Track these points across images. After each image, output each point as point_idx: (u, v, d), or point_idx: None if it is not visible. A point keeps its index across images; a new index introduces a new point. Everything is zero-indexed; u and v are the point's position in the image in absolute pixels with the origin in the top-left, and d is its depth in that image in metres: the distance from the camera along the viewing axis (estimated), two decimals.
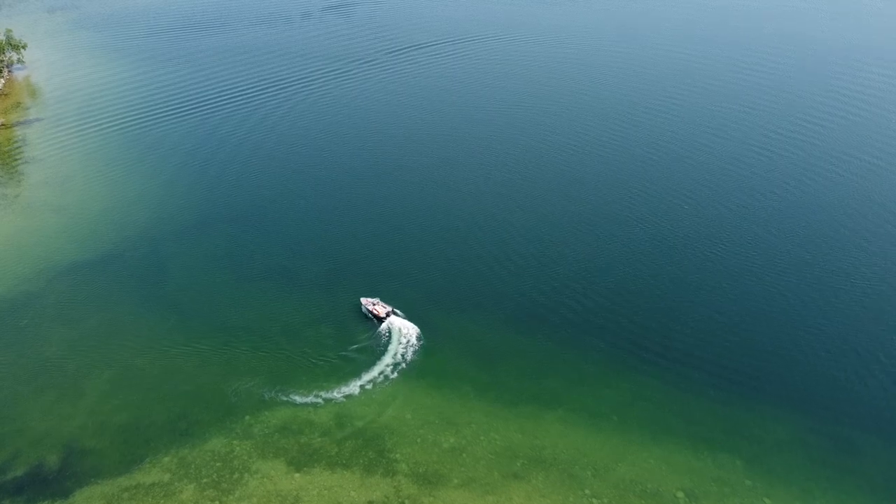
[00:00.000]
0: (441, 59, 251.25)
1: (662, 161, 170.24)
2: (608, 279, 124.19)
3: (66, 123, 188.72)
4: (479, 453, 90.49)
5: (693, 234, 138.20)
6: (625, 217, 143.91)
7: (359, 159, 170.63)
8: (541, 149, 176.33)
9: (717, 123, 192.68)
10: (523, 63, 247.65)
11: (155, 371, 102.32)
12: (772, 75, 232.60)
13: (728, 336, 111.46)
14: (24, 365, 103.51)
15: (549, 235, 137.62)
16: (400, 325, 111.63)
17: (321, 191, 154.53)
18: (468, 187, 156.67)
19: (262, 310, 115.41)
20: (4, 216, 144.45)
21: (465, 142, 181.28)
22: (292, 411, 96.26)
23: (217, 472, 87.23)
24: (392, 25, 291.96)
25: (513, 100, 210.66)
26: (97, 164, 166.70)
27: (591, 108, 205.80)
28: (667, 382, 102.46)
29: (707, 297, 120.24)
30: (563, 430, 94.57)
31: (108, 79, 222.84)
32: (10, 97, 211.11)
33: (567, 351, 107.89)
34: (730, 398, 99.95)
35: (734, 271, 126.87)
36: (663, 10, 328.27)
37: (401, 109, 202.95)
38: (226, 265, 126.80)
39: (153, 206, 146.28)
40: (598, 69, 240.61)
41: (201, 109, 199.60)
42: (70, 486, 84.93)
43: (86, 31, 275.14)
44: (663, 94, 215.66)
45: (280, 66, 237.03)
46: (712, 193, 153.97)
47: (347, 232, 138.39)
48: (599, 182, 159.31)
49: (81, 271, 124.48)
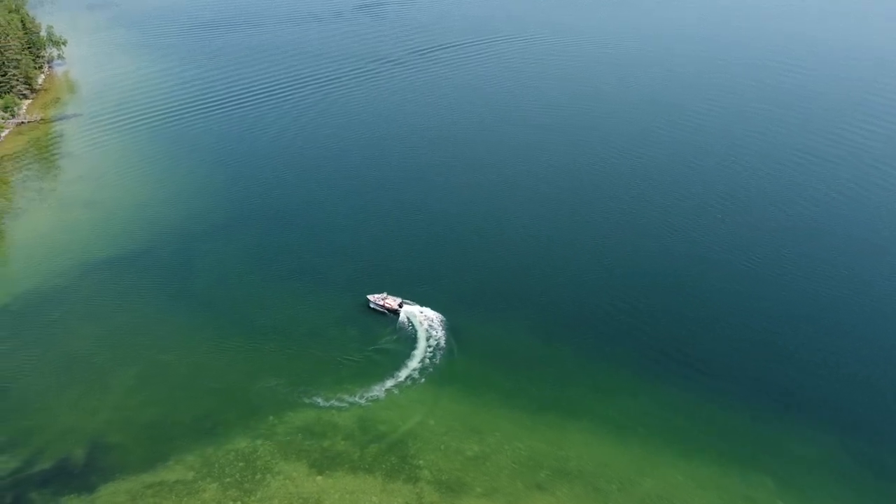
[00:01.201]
0: (473, 59, 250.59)
1: (697, 168, 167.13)
2: (637, 288, 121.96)
3: (102, 119, 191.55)
4: (502, 462, 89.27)
5: (726, 242, 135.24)
6: (657, 225, 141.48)
7: (389, 160, 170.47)
8: (575, 153, 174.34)
9: (758, 130, 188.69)
10: (559, 64, 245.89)
11: (181, 368, 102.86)
12: (827, 81, 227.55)
13: (761, 348, 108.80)
14: (54, 358, 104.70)
15: (579, 242, 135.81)
16: (417, 311, 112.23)
17: (351, 191, 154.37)
18: (498, 190, 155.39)
19: (289, 309, 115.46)
20: (40, 210, 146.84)
21: (498, 144, 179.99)
22: (316, 413, 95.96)
23: (240, 471, 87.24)
24: (424, 24, 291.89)
25: (546, 101, 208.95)
26: (131, 160, 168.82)
27: (626, 111, 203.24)
28: (695, 395, 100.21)
29: (739, 307, 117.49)
30: (588, 440, 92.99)
31: (143, 75, 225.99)
32: (50, 92, 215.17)
33: (593, 360, 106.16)
34: (761, 413, 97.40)
35: (768, 281, 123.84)
36: (706, 12, 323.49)
37: (432, 110, 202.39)
38: (255, 264, 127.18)
39: (185, 204, 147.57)
40: (637, 71, 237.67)
41: (235, 107, 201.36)
42: (95, 481, 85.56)
43: (123, 28, 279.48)
44: (704, 97, 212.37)
45: (311, 64, 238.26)
46: (747, 201, 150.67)
47: (376, 233, 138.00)
48: (633, 189, 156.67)
49: (112, 266, 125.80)
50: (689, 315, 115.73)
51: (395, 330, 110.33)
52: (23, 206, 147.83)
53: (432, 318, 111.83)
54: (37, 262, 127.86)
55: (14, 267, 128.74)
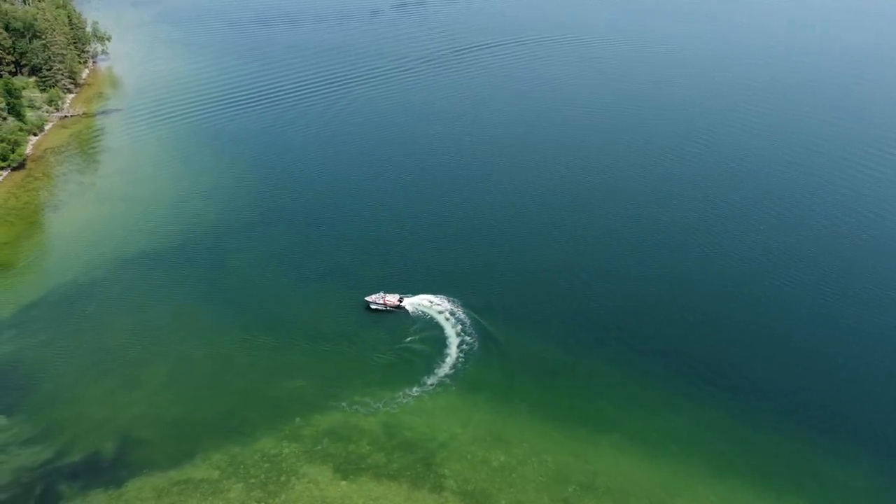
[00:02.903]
0: (510, 58, 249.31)
1: (739, 174, 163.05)
2: (675, 302, 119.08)
3: (142, 114, 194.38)
4: (529, 475, 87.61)
5: (768, 256, 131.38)
6: (699, 236, 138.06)
7: (424, 160, 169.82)
8: (616, 157, 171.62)
9: (814, 139, 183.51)
10: (602, 65, 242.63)
11: (211, 366, 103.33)
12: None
13: (804, 368, 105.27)
14: (89, 351, 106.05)
15: (617, 252, 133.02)
16: (422, 301, 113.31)
17: (383, 191, 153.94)
18: (537, 194, 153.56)
19: (319, 310, 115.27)
20: (79, 203, 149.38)
21: (538, 146, 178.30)
22: (343, 416, 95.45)
23: (265, 473, 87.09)
24: (461, 23, 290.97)
25: (587, 102, 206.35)
26: (168, 156, 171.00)
27: (669, 113, 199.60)
28: (729, 414, 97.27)
29: (782, 325, 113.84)
30: (617, 456, 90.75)
31: (183, 72, 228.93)
32: (93, 87, 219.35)
33: (626, 374, 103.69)
34: (800, 435, 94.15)
35: (814, 298, 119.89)
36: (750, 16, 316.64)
37: (470, 110, 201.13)
38: (286, 263, 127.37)
39: (220, 200, 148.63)
40: (680, 73, 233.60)
41: (271, 104, 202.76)
42: (123, 476, 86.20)
43: (166, 25, 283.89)
44: (753, 102, 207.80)
45: (348, 62, 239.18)
46: (790, 215, 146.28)
47: (409, 234, 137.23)
48: (673, 195, 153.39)
49: (146, 261, 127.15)
50: (728, 331, 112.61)
51: (414, 322, 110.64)
52: (63, 199, 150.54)
53: (440, 303, 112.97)
54: (75, 254, 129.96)
55: (53, 259, 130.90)
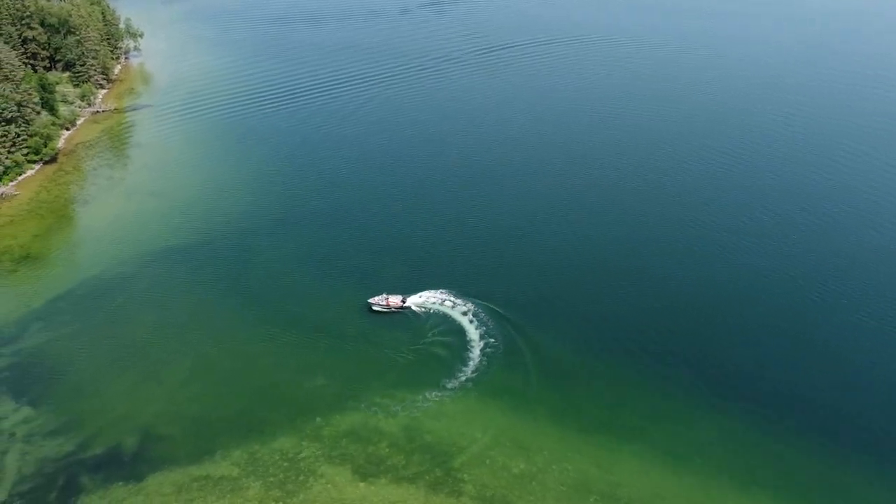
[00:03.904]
0: (537, 59, 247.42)
1: (773, 182, 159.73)
2: (704, 310, 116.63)
3: (172, 110, 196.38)
4: (549, 483, 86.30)
5: (802, 266, 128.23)
6: (728, 242, 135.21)
7: (448, 160, 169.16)
8: (642, 160, 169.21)
9: (860, 146, 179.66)
10: (634, 67, 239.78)
11: (232, 363, 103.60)
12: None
13: (835, 380, 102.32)
14: (113, 345, 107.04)
15: (644, 256, 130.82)
16: (427, 299, 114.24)
17: (409, 192, 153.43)
18: (563, 195, 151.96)
19: (339, 310, 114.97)
20: (108, 198, 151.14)
21: (564, 147, 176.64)
22: (363, 417, 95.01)
23: (284, 472, 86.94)
24: (489, 23, 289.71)
25: (617, 104, 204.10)
26: (196, 152, 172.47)
27: (704, 117, 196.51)
28: (758, 426, 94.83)
29: (812, 336, 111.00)
30: (640, 466, 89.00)
31: (212, 69, 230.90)
32: (125, 83, 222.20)
33: (650, 382, 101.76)
34: (830, 450, 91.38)
35: (849, 312, 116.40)
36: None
37: (496, 110, 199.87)
38: (308, 262, 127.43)
39: (246, 198, 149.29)
40: (719, 76, 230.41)
41: (299, 102, 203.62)
42: (143, 471, 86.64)
43: (197, 22, 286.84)
44: (793, 106, 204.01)
45: (374, 61, 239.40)
46: (824, 223, 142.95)
47: (432, 235, 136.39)
48: (703, 202, 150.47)
49: (173, 257, 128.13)
50: (758, 341, 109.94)
51: (425, 321, 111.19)
52: (93, 194, 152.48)
53: (444, 298, 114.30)
54: (102, 248, 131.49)
55: (81, 252, 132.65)
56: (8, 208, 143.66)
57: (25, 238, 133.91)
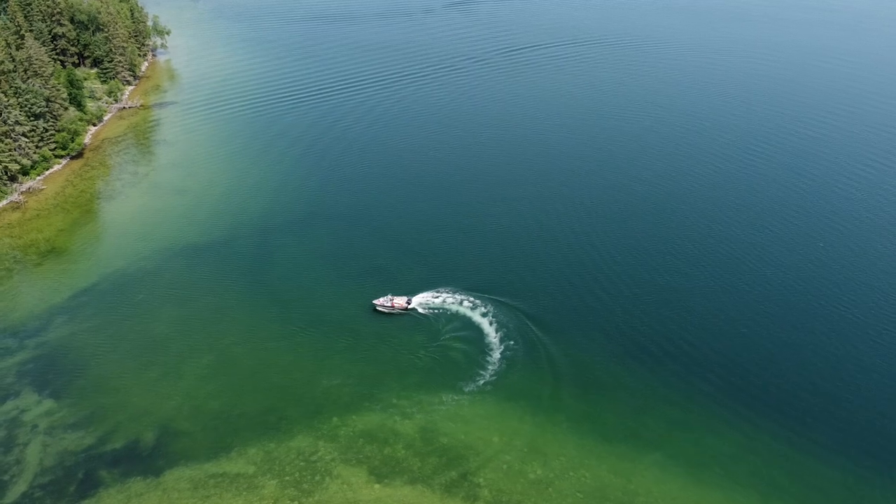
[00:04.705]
0: (564, 60, 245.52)
1: (799, 189, 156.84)
2: (730, 319, 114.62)
3: (197, 107, 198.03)
4: (566, 490, 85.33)
5: (829, 276, 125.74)
6: (755, 253, 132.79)
7: (472, 161, 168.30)
8: (671, 166, 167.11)
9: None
10: (667, 72, 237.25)
11: (251, 361, 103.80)
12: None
13: (868, 397, 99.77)
14: (135, 339, 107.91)
15: (670, 264, 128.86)
16: (433, 300, 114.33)
17: (431, 193, 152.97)
18: (587, 200, 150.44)
19: (359, 310, 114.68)
20: (134, 193, 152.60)
21: (590, 152, 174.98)
22: (379, 418, 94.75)
23: (300, 471, 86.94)
24: (514, 23, 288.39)
25: (648, 110, 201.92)
26: (221, 150, 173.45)
27: (735, 126, 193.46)
28: (781, 438, 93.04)
29: (840, 349, 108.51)
30: (660, 476, 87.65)
31: (238, 67, 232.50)
32: (151, 80, 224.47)
33: (672, 390, 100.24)
34: (857, 467, 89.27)
35: (876, 322, 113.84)
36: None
37: (522, 112, 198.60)
38: (329, 261, 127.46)
39: (269, 196, 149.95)
40: (756, 84, 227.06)
41: (323, 101, 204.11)
42: (161, 466, 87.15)
43: (224, 20, 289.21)
44: (824, 113, 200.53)
45: (398, 60, 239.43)
46: (851, 230, 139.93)
47: (455, 237, 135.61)
48: (732, 211, 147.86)
49: (195, 253, 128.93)
50: (783, 353, 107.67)
51: (444, 322, 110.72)
52: (118, 189, 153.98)
53: (463, 299, 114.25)
54: (126, 243, 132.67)
55: (105, 247, 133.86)
56: (35, 202, 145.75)
57: (51, 232, 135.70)
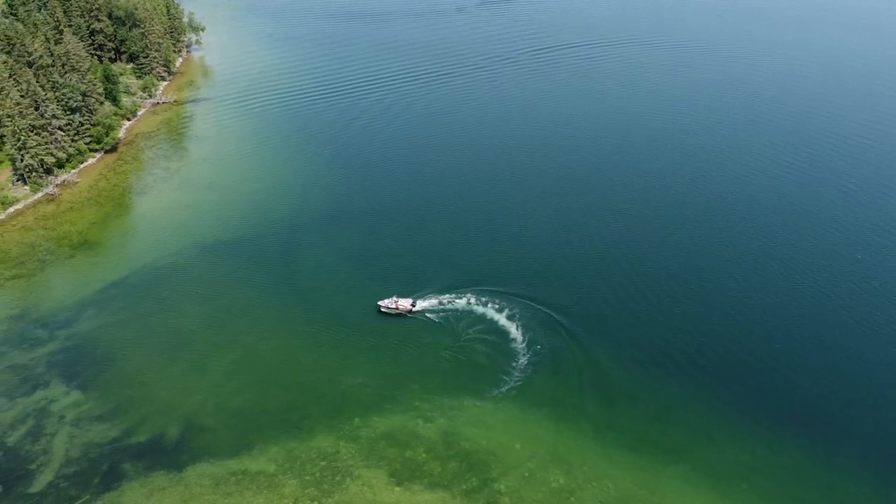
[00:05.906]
0: (600, 61, 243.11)
1: (838, 198, 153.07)
2: (755, 328, 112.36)
3: (230, 104, 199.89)
4: (588, 499, 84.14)
5: (868, 289, 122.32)
6: (787, 261, 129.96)
7: (497, 163, 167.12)
8: (700, 172, 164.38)
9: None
10: (700, 73, 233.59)
11: (275, 358, 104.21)
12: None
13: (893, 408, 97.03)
14: (162, 334, 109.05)
15: (697, 271, 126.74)
16: (438, 304, 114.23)
17: (456, 193, 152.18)
18: (614, 205, 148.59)
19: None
20: (165, 188, 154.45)
21: (618, 155, 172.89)
22: (401, 420, 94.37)
23: (321, 471, 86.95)
24: (545, 23, 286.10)
25: (683, 112, 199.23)
26: (251, 146, 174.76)
27: (770, 129, 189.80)
28: (809, 453, 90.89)
29: (874, 363, 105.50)
30: (683, 489, 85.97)
31: (270, 63, 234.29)
32: (185, 75, 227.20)
33: (698, 401, 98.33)
34: (888, 485, 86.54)
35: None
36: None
37: (552, 111, 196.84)
38: (355, 261, 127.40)
39: (297, 194, 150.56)
40: (789, 88, 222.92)
41: (355, 99, 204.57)
42: (184, 461, 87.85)
43: (257, 18, 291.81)
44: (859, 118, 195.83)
45: (430, 59, 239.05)
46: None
47: (481, 240, 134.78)
48: (765, 221, 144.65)
49: (223, 250, 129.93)
50: (815, 367, 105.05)
51: (446, 322, 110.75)
52: (150, 183, 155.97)
53: (463, 300, 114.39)
54: (156, 238, 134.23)
55: (136, 241, 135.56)
56: (69, 195, 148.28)
57: (83, 225, 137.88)
